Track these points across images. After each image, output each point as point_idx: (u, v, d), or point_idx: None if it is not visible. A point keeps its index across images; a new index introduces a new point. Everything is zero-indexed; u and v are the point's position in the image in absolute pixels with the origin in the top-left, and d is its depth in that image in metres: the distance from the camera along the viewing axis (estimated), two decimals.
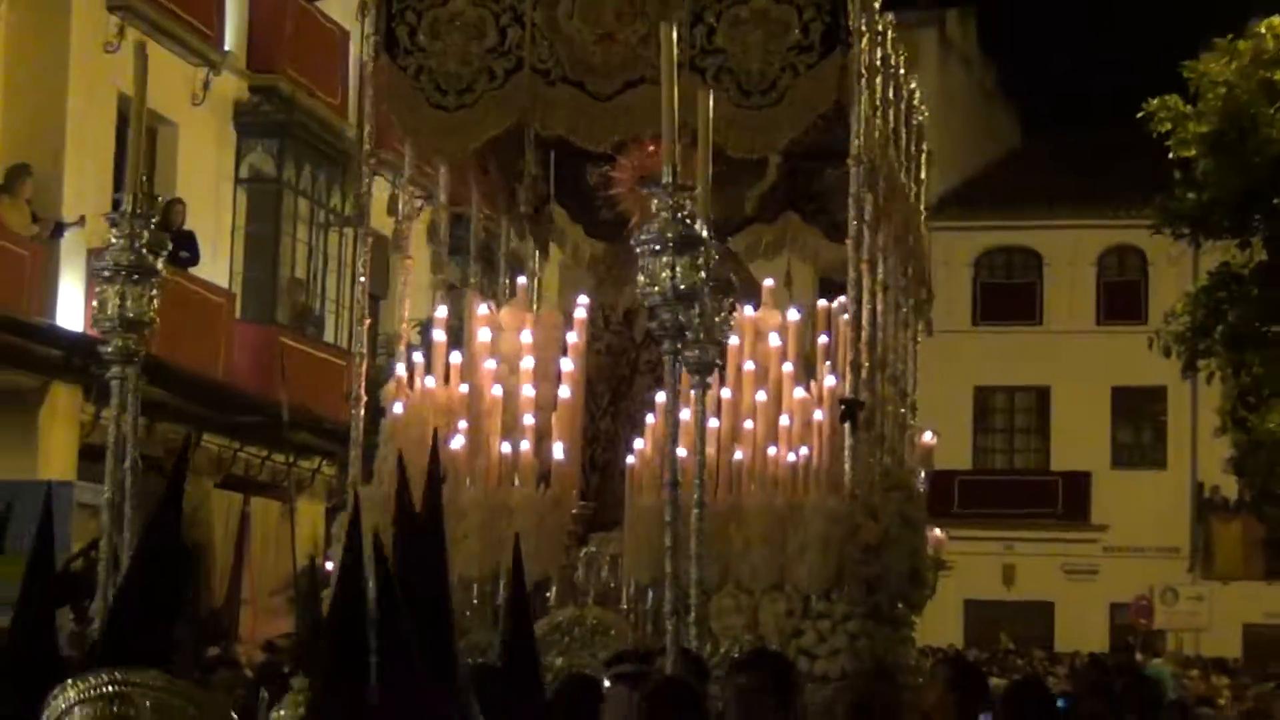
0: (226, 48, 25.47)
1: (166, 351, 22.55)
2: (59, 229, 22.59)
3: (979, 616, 40.54)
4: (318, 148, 25.78)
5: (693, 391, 6.56)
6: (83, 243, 23.05)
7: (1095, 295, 45.64)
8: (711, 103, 7.48)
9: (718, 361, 7.39)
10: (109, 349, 7.15)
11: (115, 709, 3.09)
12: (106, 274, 7.09)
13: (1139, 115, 25.27)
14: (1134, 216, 31.96)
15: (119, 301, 6.98)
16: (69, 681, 3.38)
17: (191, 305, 24.13)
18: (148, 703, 3.10)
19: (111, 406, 7.20)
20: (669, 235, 6.18)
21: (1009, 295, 46.28)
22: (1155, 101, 24.94)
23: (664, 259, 6.17)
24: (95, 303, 7.18)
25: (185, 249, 24.23)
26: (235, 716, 3.31)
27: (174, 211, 24.55)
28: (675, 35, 7.69)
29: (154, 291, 7.23)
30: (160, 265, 7.38)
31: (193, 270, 24.32)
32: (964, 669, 10.11)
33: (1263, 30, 24.08)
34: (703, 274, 6.27)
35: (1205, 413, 35.07)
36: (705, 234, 6.35)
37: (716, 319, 6.55)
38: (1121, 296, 44.21)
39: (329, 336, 26.20)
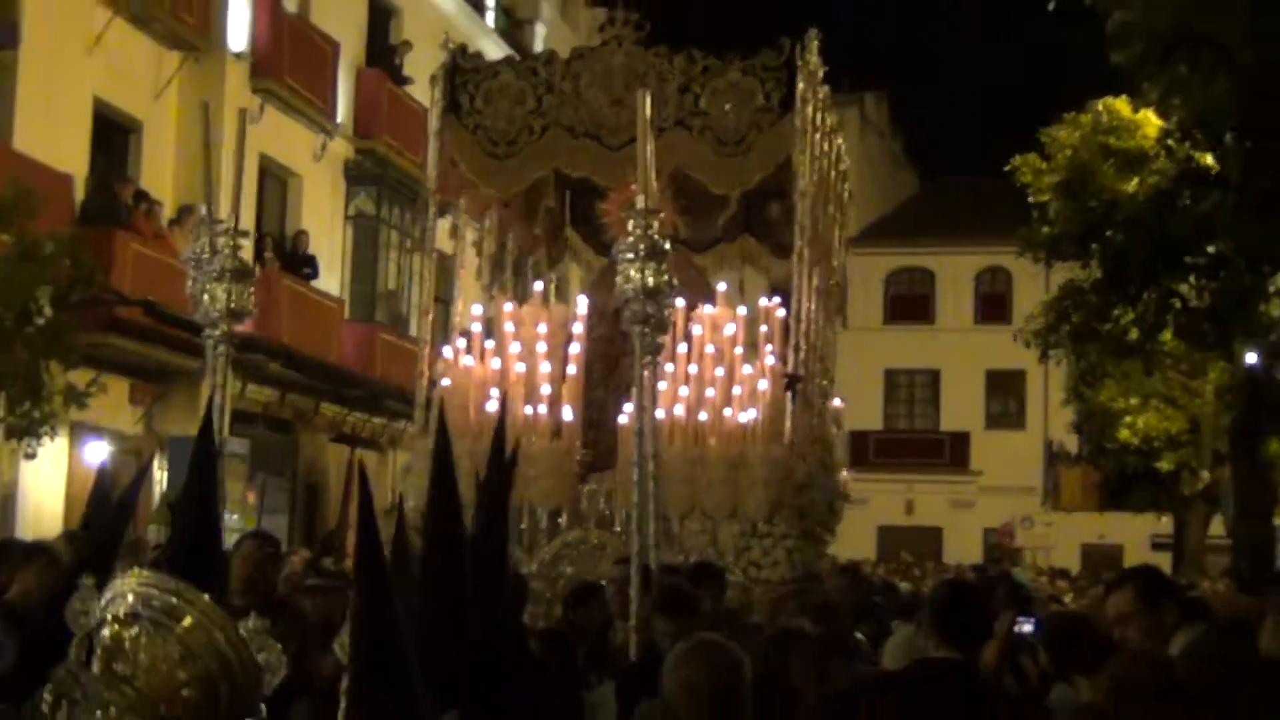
0: (339, 120, 25.33)
1: (295, 342, 22.78)
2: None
3: (887, 538, 40.08)
4: (404, 194, 25.46)
5: (646, 368, 6.20)
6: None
7: (974, 303, 45.48)
8: (655, 160, 7.17)
9: (663, 342, 7.03)
10: (215, 333, 6.63)
11: (158, 612, 2.69)
12: (215, 274, 6.64)
13: (1006, 169, 25.23)
14: (1003, 245, 31.57)
15: (225, 296, 6.56)
16: (135, 569, 3.00)
17: (313, 309, 24.17)
18: (189, 619, 2.67)
19: (217, 376, 6.69)
20: (641, 246, 5.86)
21: (910, 303, 45.97)
22: (1019, 159, 24.91)
23: (636, 264, 5.86)
24: (206, 296, 6.55)
25: (309, 267, 24.24)
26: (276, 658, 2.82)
27: (301, 240, 24.59)
28: (651, 101, 7.47)
29: (251, 289, 6.79)
30: (256, 268, 6.97)
31: (314, 283, 24.31)
32: (855, 574, 9.86)
33: (1100, 108, 23.82)
34: (665, 276, 5.95)
35: (1054, 389, 34.86)
36: (666, 247, 6.01)
37: (665, 313, 6.18)
38: (993, 303, 43.82)
39: (412, 332, 25.91)
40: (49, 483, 19.29)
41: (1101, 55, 19.60)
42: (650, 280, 5.88)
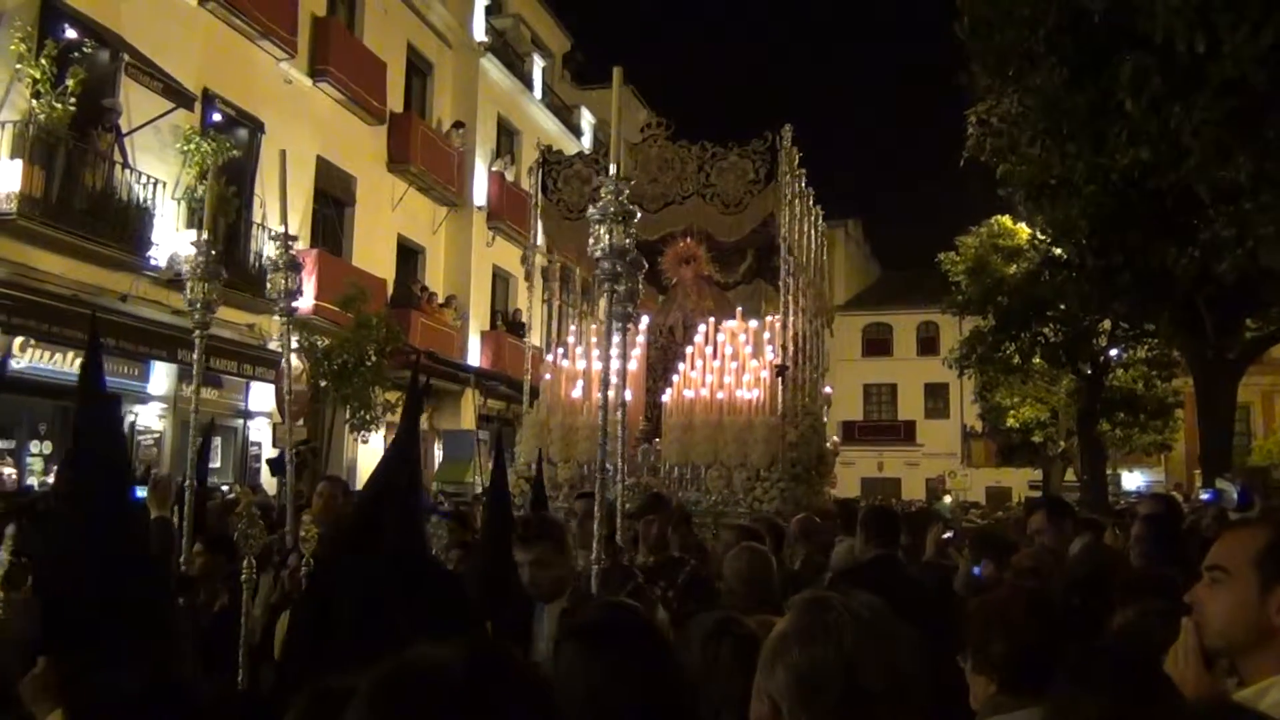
0: (538, 243, 23.84)
1: (513, 373, 21.51)
2: (465, 321, 21.26)
3: (868, 486, 36.13)
4: (572, 284, 24.01)
5: (615, 335, 3.64)
6: (477, 326, 21.51)
7: (916, 343, 41.28)
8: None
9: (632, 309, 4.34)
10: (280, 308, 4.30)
11: None
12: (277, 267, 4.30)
13: (935, 261, 22.83)
14: (933, 307, 28.38)
15: (283, 283, 4.26)
16: None
17: (522, 354, 22.48)
18: None
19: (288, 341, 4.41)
20: (612, 209, 3.42)
21: (878, 344, 41.86)
22: (943, 255, 22.55)
23: (606, 226, 3.40)
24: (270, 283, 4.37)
25: (521, 330, 22.89)
26: None
27: (516, 314, 23.29)
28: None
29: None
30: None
31: (525, 339, 22.77)
32: (846, 505, 7.22)
33: (993, 222, 21.66)
34: (630, 238, 3.39)
35: (966, 394, 31.93)
36: (637, 213, 3.45)
37: (632, 273, 3.56)
38: (928, 343, 39.71)
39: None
40: (373, 458, 18.40)
41: (993, 191, 17.37)
42: (617, 240, 3.40)
